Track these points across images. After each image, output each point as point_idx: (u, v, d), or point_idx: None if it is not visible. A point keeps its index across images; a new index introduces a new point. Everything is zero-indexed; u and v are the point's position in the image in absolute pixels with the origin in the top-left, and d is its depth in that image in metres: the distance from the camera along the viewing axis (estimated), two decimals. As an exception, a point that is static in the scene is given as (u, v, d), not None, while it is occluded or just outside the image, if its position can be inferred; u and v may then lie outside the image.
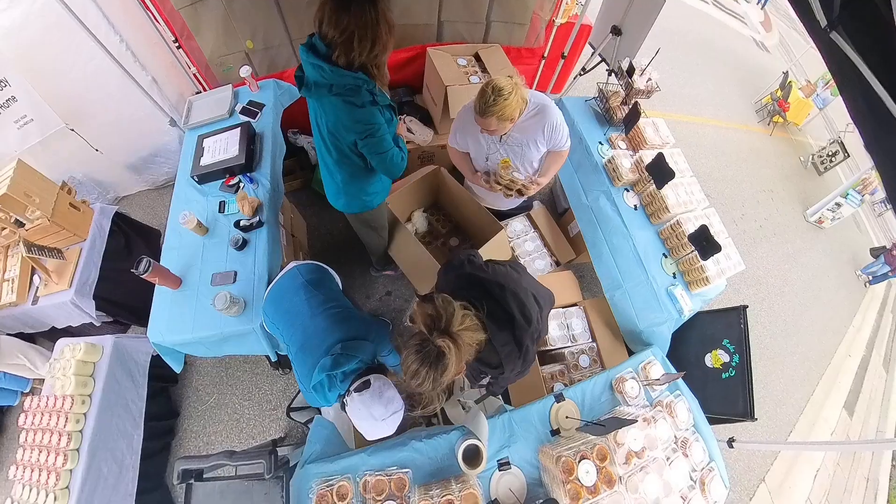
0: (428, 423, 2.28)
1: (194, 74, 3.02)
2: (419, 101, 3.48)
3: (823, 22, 1.10)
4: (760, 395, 3.95)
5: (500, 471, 1.67)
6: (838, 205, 5.83)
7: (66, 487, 1.98)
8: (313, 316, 1.63)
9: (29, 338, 2.78)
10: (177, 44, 2.79)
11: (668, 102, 5.70)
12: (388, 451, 1.67)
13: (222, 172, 2.51)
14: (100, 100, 2.86)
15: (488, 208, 2.76)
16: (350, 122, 1.61)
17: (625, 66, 2.74)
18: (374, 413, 1.36)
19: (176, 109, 3.13)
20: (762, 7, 10.44)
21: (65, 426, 2.06)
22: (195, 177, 2.50)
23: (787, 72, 7.21)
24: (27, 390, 2.80)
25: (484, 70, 3.12)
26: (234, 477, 1.59)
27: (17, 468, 2.06)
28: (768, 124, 6.87)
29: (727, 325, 2.28)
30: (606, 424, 1.61)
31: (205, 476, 1.61)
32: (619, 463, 1.73)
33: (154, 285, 2.10)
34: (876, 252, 6.08)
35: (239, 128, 2.61)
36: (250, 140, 2.59)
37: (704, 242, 2.20)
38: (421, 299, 1.24)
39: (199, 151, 2.58)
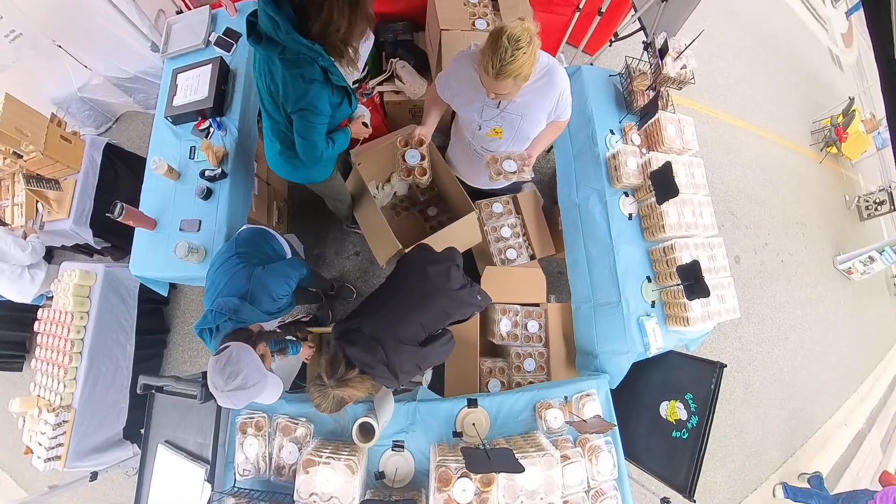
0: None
1: (174, -13, 2.61)
2: (420, 41, 2.92)
3: None
4: (731, 442, 3.67)
5: (392, 450, 1.76)
6: (872, 259, 5.23)
7: (74, 379, 2.60)
8: (213, 271, 1.74)
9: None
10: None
11: (718, 97, 4.95)
12: (303, 403, 1.83)
13: (194, 115, 2.28)
14: (82, 18, 2.77)
15: (467, 185, 2.42)
16: (290, 92, 1.47)
17: (659, 42, 2.25)
18: (215, 382, 1.34)
19: (157, 31, 2.81)
20: (848, 16, 9.23)
21: (68, 335, 2.60)
22: (169, 118, 2.31)
23: (854, 98, 6.37)
24: (50, 296, 3.08)
25: (497, 11, 2.57)
26: (183, 394, 1.93)
27: (37, 361, 2.69)
28: (821, 150, 6.14)
29: (696, 378, 1.92)
30: (493, 458, 1.37)
31: (164, 389, 1.99)
32: (502, 496, 1.52)
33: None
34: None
35: (210, 64, 2.30)
36: (222, 79, 2.29)
37: (693, 281, 1.80)
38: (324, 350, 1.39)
39: (174, 88, 2.35)
